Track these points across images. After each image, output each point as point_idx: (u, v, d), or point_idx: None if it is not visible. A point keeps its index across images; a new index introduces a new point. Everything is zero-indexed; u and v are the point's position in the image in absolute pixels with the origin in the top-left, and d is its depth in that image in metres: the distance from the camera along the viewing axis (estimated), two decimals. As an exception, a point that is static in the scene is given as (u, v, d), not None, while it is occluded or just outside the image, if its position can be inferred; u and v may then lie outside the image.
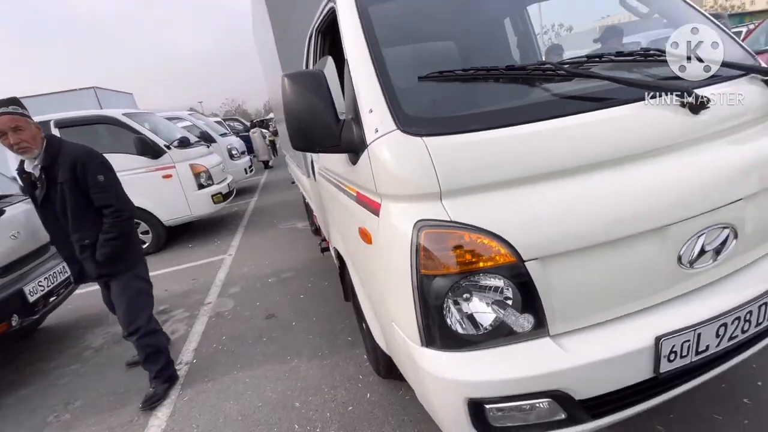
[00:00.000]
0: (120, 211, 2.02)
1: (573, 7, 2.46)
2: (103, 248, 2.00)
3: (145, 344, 2.20)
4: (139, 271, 2.22)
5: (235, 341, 2.74)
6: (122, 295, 2.14)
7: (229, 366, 2.46)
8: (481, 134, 1.02)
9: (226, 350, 2.65)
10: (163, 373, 2.28)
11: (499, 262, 0.96)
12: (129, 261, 2.16)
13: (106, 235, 1.99)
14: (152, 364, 2.25)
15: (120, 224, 2.03)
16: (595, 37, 2.09)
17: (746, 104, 1.22)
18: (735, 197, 1.09)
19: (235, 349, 2.65)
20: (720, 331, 1.06)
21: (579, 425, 1.05)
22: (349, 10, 1.33)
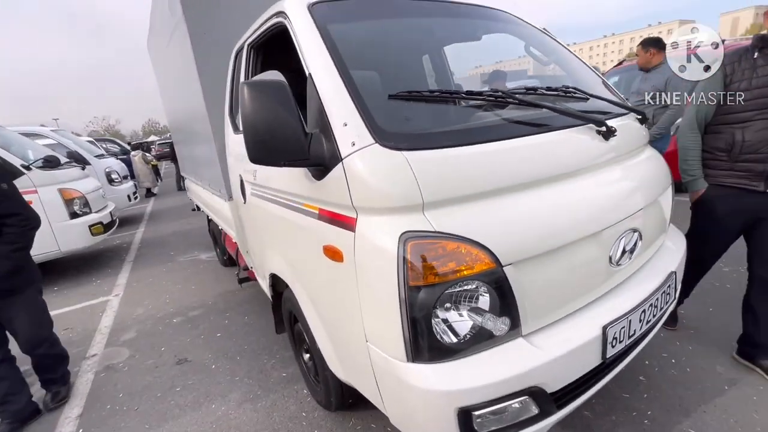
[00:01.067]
0: (27, 219, 1.99)
1: (479, 49, 2.81)
2: (7, 260, 1.92)
3: (55, 353, 2.27)
4: (40, 286, 2.21)
5: (137, 397, 2.27)
6: (27, 310, 2.09)
7: (133, 429, 2.01)
8: (455, 150, 1.09)
9: (126, 410, 2.17)
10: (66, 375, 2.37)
11: (482, 269, 1.01)
12: (32, 273, 2.14)
13: (12, 246, 1.93)
14: (60, 365, 2.34)
15: (27, 233, 2.01)
16: (485, 78, 2.45)
17: (632, 135, 1.56)
18: (639, 206, 1.36)
19: (139, 406, 2.19)
20: (641, 317, 1.28)
21: (549, 417, 1.13)
22: (309, 27, 1.32)
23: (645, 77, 3.43)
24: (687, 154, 1.87)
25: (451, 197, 1.07)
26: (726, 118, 1.72)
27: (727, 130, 1.71)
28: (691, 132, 1.85)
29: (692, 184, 1.89)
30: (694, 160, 1.85)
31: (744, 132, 1.65)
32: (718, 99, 1.70)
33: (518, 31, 1.99)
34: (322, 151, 1.17)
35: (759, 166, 1.65)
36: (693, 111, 1.82)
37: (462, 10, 1.82)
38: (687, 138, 1.86)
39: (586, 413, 1.78)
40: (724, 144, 1.73)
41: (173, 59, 3.14)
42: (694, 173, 1.86)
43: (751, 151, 1.65)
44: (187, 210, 7.71)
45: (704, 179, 1.85)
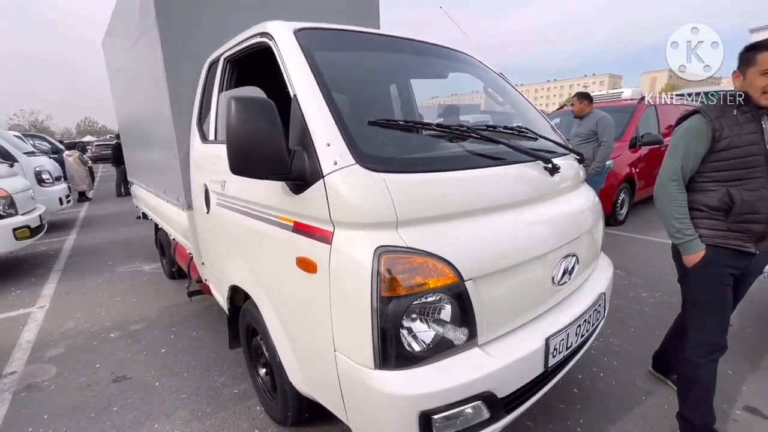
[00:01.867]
0: None
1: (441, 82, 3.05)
2: None
3: None
4: None
5: (65, 419, 2.07)
6: None
7: (61, 453, 1.84)
8: (428, 175, 1.22)
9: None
10: None
11: (446, 282, 1.13)
12: None
13: None
14: None
15: None
16: (441, 111, 2.70)
17: (572, 172, 1.80)
18: (577, 234, 1.57)
19: (68, 428, 2.00)
20: (577, 330, 1.46)
21: (498, 422, 1.25)
22: (295, 50, 1.41)
23: (580, 123, 4.19)
24: (677, 211, 1.63)
25: (422, 217, 1.19)
26: (716, 175, 1.56)
27: (719, 188, 1.55)
28: (676, 187, 1.62)
29: (689, 246, 1.61)
30: (686, 218, 1.62)
31: (741, 191, 1.50)
32: (703, 155, 1.56)
33: (479, 73, 2.22)
34: (303, 167, 1.24)
35: (758, 227, 1.52)
36: (677, 164, 1.60)
37: (433, 50, 2.02)
38: (672, 194, 1.62)
39: (528, 423, 1.93)
40: (719, 203, 1.55)
41: (137, 63, 3.05)
42: (690, 233, 1.61)
43: (751, 211, 1.50)
44: (127, 217, 7.20)
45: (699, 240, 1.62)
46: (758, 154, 1.50)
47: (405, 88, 2.72)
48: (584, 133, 4.06)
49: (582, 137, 4.08)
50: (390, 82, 1.77)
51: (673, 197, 1.63)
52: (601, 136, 3.97)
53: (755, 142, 1.49)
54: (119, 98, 4.41)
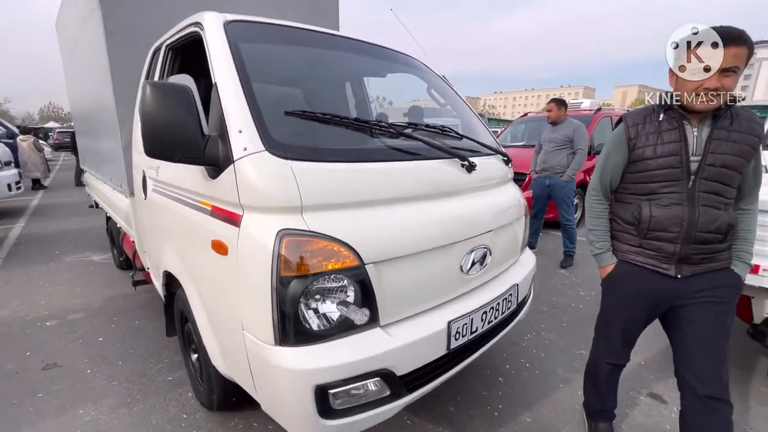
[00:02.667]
0: None
1: (396, 88, 3.14)
2: None
3: None
4: None
5: (-15, 405, 2.02)
6: None
7: (-25, 438, 1.80)
8: (335, 165, 1.29)
9: (-32, 419, 1.92)
10: None
11: (346, 265, 1.20)
12: None
13: None
14: None
15: None
16: (405, 112, 2.78)
17: (495, 172, 1.92)
18: (489, 228, 1.68)
19: (-12, 414, 1.96)
20: (483, 317, 1.57)
21: (400, 399, 1.33)
22: (221, 41, 1.45)
23: (554, 129, 4.17)
24: (592, 222, 1.60)
25: (327, 203, 1.25)
26: (633, 187, 1.46)
27: (635, 201, 1.46)
28: (595, 198, 1.58)
29: (599, 259, 1.59)
30: (600, 230, 1.57)
31: (651, 206, 1.39)
32: (623, 165, 1.46)
33: (422, 75, 2.32)
34: (217, 153, 1.29)
35: (669, 246, 1.38)
36: (597, 175, 1.55)
37: (372, 50, 2.10)
38: (591, 205, 1.60)
39: (451, 409, 2.03)
40: (630, 216, 1.46)
41: (84, 45, 2.99)
42: (600, 246, 1.57)
43: (660, 229, 1.39)
44: (83, 207, 6.92)
45: (612, 254, 1.56)
46: (675, 167, 1.33)
47: (358, 85, 2.80)
48: (559, 139, 4.07)
49: (557, 143, 4.09)
50: (323, 75, 1.83)
51: (591, 207, 1.60)
52: (576, 145, 4.00)
53: (673, 153, 1.33)
54: (70, 82, 4.28)
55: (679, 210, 1.35)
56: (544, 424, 1.93)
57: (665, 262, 1.43)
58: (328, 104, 1.84)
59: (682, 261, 1.40)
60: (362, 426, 1.28)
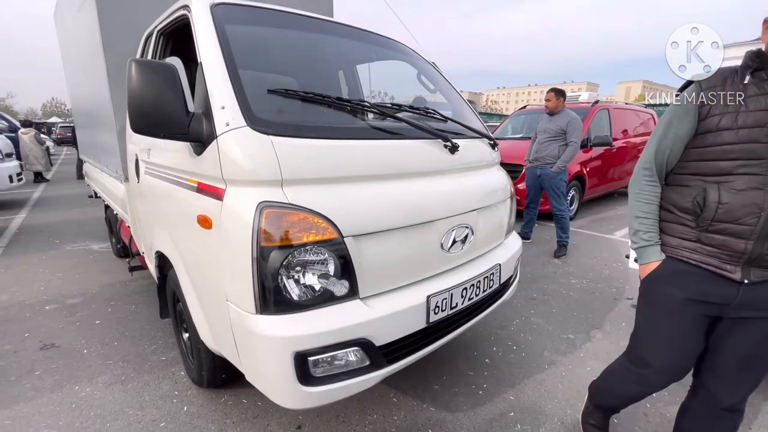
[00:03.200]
0: None
1: (387, 77, 3.13)
2: None
3: None
4: None
5: (-17, 382, 2.08)
6: None
7: (-27, 411, 1.86)
8: (316, 141, 1.33)
9: (-33, 394, 1.98)
10: None
11: (325, 237, 1.24)
12: None
13: None
14: None
15: None
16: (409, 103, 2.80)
17: (480, 154, 1.95)
18: (471, 208, 1.71)
19: (-14, 390, 2.02)
20: (463, 293, 1.61)
21: (380, 370, 1.37)
22: (207, 22, 1.48)
23: (550, 119, 4.16)
24: (640, 209, 1.29)
25: (307, 178, 1.29)
26: (697, 166, 1.17)
27: (697, 184, 1.17)
28: (647, 179, 1.28)
29: (644, 253, 1.28)
30: (650, 218, 1.27)
31: (720, 190, 1.11)
32: (688, 138, 1.18)
33: (412, 61, 2.35)
34: (201, 130, 1.33)
35: (739, 243, 1.10)
36: (651, 150, 1.26)
37: (362, 35, 2.13)
38: (641, 187, 1.29)
39: (436, 387, 2.08)
40: (690, 203, 1.18)
41: (79, 35, 3.02)
42: (649, 238, 1.27)
43: (730, 220, 1.10)
44: (84, 199, 7.00)
45: (660, 248, 1.27)
46: (760, 141, 1.05)
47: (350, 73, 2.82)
48: (553, 130, 4.07)
49: (550, 134, 4.10)
50: (310, 58, 1.86)
51: (640, 189, 1.29)
52: (569, 137, 4.00)
53: (759, 124, 1.05)
54: (68, 74, 4.32)
55: (759, 196, 1.05)
56: (526, 402, 1.98)
57: (730, 262, 1.13)
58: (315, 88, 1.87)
59: (753, 263, 1.11)
60: (342, 394, 1.32)
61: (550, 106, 4.18)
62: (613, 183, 7.13)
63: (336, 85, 2.32)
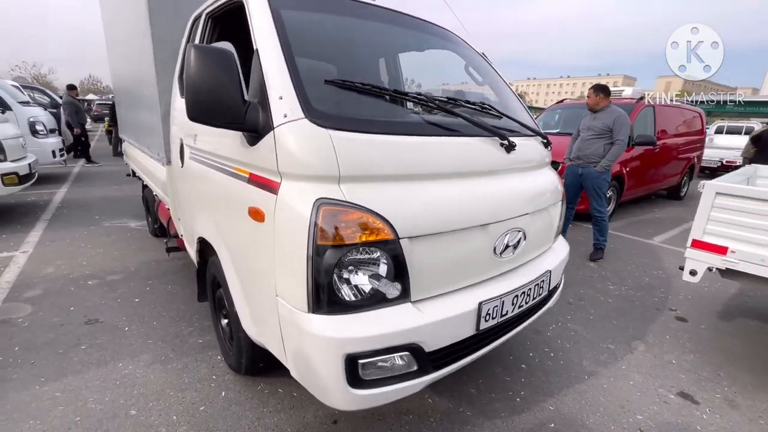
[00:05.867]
0: None
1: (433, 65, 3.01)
2: None
3: None
4: None
5: (34, 352, 2.17)
6: None
7: (26, 381, 1.94)
8: (374, 136, 1.27)
9: (20, 363, 2.08)
10: None
11: (381, 237, 1.19)
12: None
13: None
14: None
15: None
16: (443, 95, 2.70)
17: (534, 154, 1.85)
18: (525, 211, 1.63)
19: (36, 360, 2.10)
20: (514, 301, 1.54)
21: (426, 375, 1.33)
22: (263, 7, 1.43)
23: (594, 116, 3.94)
24: None
25: (365, 175, 1.24)
26: None
27: None
28: None
29: None
30: None
31: None
32: None
33: (460, 51, 2.24)
34: (257, 119, 1.29)
35: None
36: None
37: (412, 22, 2.03)
38: None
39: (472, 390, 2.03)
40: None
41: (126, 16, 3.04)
42: None
43: None
44: (120, 176, 7.22)
45: None
46: None
47: (392, 61, 2.73)
48: (599, 127, 3.85)
49: (595, 132, 3.88)
50: (362, 47, 1.79)
51: None
52: (616, 135, 3.78)
53: None
54: (112, 53, 4.39)
55: None
56: (566, 413, 1.91)
57: None
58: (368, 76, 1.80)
59: None
60: (388, 398, 1.29)
61: (589, 103, 3.96)
62: (653, 185, 6.79)
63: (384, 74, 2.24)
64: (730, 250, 2.01)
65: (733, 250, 2.01)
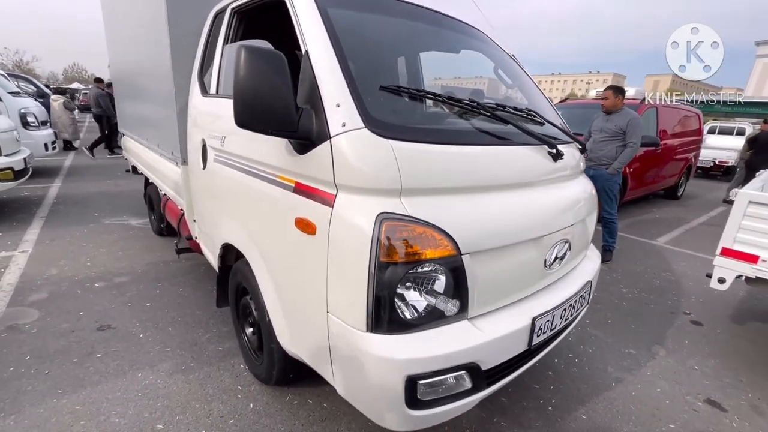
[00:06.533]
0: None
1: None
2: None
3: None
4: None
5: (47, 361, 2.08)
6: None
7: (43, 393, 1.85)
8: (434, 147, 1.21)
9: (33, 373, 1.98)
10: None
11: (444, 254, 1.14)
12: None
13: None
14: None
15: None
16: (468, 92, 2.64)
17: (573, 161, 1.81)
18: (572, 222, 1.59)
19: (51, 370, 2.01)
20: (562, 314, 1.51)
21: (480, 392, 1.29)
22: (310, 5, 1.35)
23: (608, 118, 3.91)
24: None
25: (426, 187, 1.18)
26: None
27: None
28: None
29: None
30: None
31: None
32: None
33: (491, 53, 2.18)
34: (310, 127, 1.22)
35: None
36: None
37: (450, 23, 1.96)
38: None
39: (503, 399, 2.00)
40: None
41: (137, 9, 2.90)
42: None
43: None
44: (115, 170, 7.03)
45: None
46: None
47: (414, 60, 2.66)
48: (612, 129, 3.83)
49: (608, 134, 3.86)
50: (404, 49, 1.73)
51: None
52: (629, 137, 3.77)
53: None
54: (114, 43, 4.21)
55: None
56: (600, 423, 1.90)
57: None
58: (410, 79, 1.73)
59: None
60: (443, 418, 1.25)
61: (607, 105, 3.94)
62: (653, 185, 6.87)
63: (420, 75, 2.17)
64: (761, 259, 2.01)
65: (764, 259, 2.01)
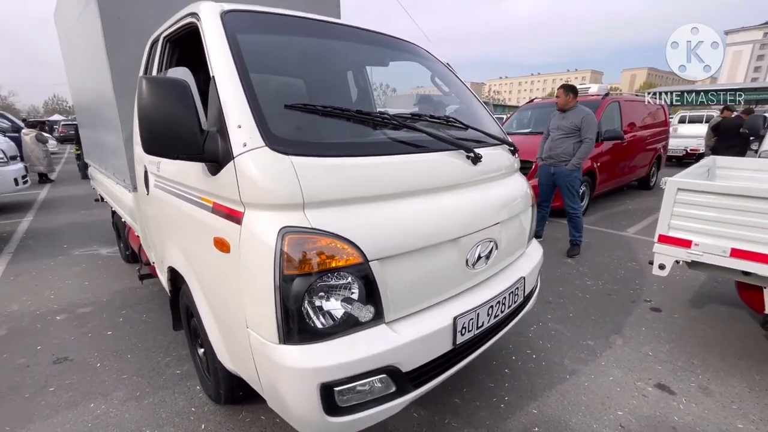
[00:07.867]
0: None
1: (399, 75, 3.06)
2: None
3: None
4: None
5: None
6: None
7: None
8: (338, 160, 1.26)
9: (-18, 412, 1.96)
10: None
11: (350, 262, 1.18)
12: None
13: None
14: None
15: None
16: (413, 101, 2.73)
17: (501, 162, 1.87)
18: (496, 221, 1.65)
19: (1, 408, 1.99)
20: (489, 311, 1.55)
21: (406, 395, 1.32)
22: (218, 32, 1.41)
23: (563, 116, 4.06)
24: None
25: (330, 199, 1.23)
26: None
27: None
28: None
29: None
30: None
31: None
32: None
33: (426, 63, 2.26)
34: (216, 149, 1.26)
35: None
36: None
37: (374, 38, 2.04)
38: None
39: (457, 400, 2.03)
40: None
41: (82, 38, 2.94)
42: None
43: None
44: (90, 200, 6.97)
45: None
46: None
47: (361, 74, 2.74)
48: (567, 127, 3.98)
49: (564, 131, 4.01)
50: (323, 66, 1.79)
51: None
52: (584, 134, 3.91)
53: None
54: (71, 75, 4.25)
55: None
56: (550, 416, 1.93)
57: None
58: (330, 96, 1.79)
59: None
60: (368, 422, 1.27)
61: (560, 103, 4.08)
62: (624, 177, 7.02)
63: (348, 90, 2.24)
64: (694, 243, 2.09)
65: (696, 243, 2.08)
